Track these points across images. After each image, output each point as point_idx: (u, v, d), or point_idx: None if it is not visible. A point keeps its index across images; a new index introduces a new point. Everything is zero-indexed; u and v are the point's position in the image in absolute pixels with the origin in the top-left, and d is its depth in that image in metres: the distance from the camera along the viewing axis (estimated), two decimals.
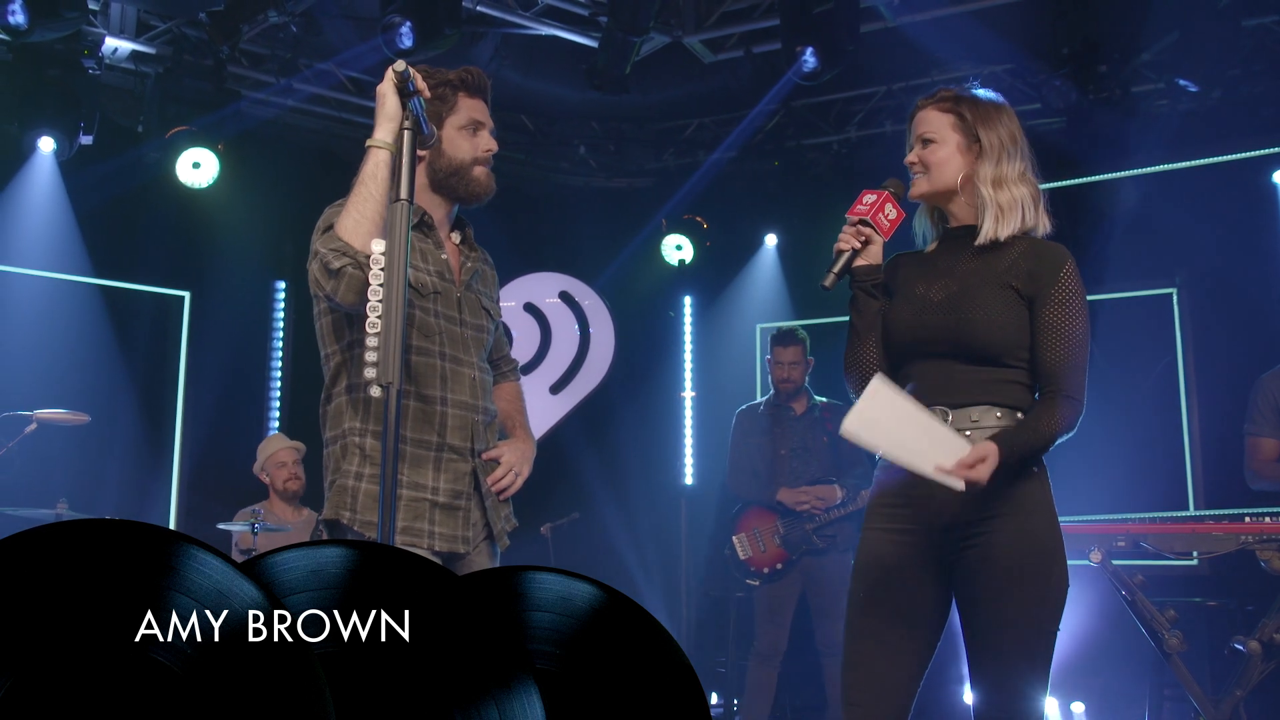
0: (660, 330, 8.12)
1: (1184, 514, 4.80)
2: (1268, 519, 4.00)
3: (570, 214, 8.04)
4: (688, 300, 8.12)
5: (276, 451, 5.79)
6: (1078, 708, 5.58)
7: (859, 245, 2.60)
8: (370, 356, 2.20)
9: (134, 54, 6.25)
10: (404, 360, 2.54)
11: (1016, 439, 2.42)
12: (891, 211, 2.62)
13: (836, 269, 2.58)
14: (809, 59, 5.43)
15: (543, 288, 7.99)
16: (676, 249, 7.55)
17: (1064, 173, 6.25)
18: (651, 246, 7.61)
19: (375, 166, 2.52)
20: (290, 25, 6.09)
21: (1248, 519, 4.04)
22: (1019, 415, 2.48)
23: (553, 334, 7.95)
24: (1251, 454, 4.76)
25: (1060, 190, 6.30)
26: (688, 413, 7.98)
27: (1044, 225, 2.59)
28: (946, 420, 2.48)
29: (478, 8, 5.97)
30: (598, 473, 7.53)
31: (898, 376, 2.60)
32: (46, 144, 5.93)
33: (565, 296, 7.99)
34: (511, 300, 7.85)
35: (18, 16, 5.08)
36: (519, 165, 7.77)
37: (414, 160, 2.37)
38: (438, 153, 2.78)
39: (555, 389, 7.85)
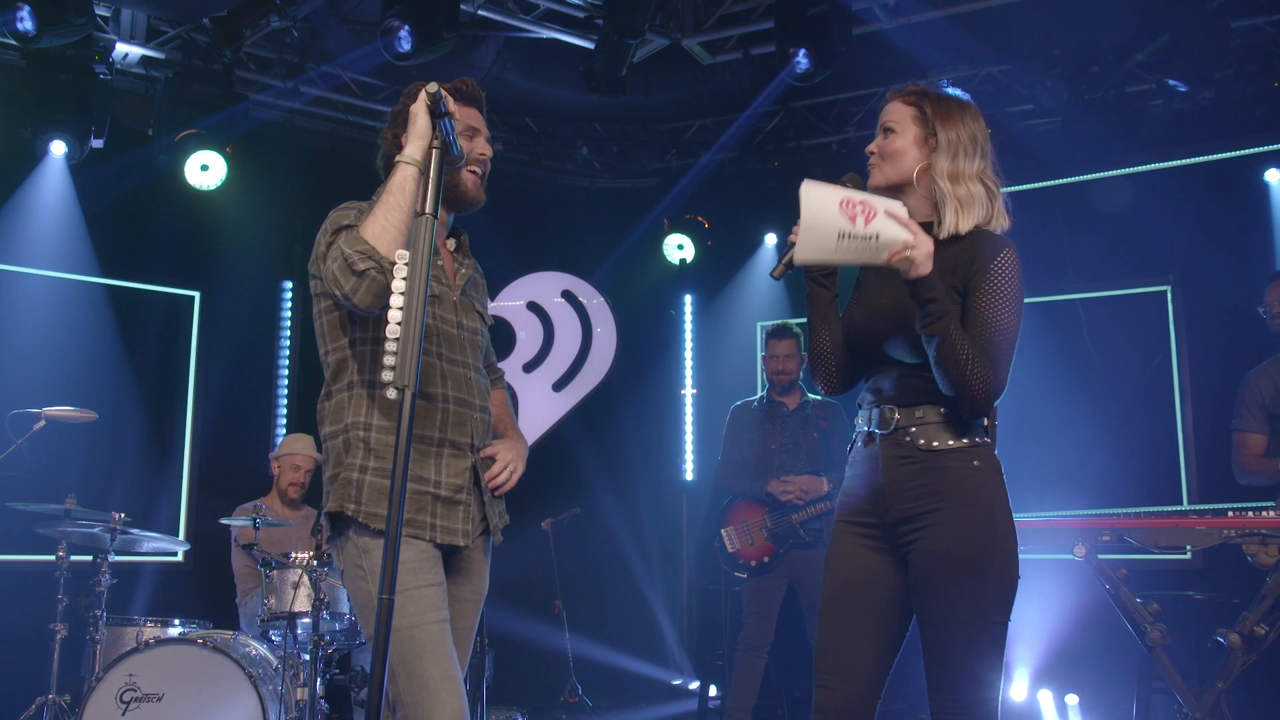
0: (661, 328, 8.18)
1: (1168, 509, 4.86)
2: (1250, 513, 4.03)
3: (573, 214, 8.12)
4: (689, 299, 8.18)
5: (294, 454, 5.76)
6: (1072, 699, 5.64)
7: None
8: (389, 360, 2.23)
9: (144, 59, 6.35)
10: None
11: (951, 317, 2.37)
12: None
13: (785, 259, 2.58)
14: (802, 60, 5.50)
15: (546, 287, 8.06)
16: (678, 248, 7.60)
17: (1057, 172, 6.31)
18: (653, 246, 7.67)
19: (403, 179, 2.56)
20: (292, 30, 6.17)
21: (1231, 513, 4.06)
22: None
23: (556, 332, 8.02)
24: (1239, 449, 4.81)
25: (1054, 189, 6.36)
26: (688, 409, 8.05)
27: (1003, 223, 2.58)
28: (894, 417, 2.53)
29: (478, 11, 6.03)
30: (599, 469, 7.60)
31: (860, 377, 2.67)
32: (58, 147, 6.02)
33: (568, 295, 8.06)
34: (516, 299, 7.93)
35: (26, 23, 5.18)
36: (523, 166, 7.85)
37: (441, 177, 2.40)
38: None
39: (558, 386, 7.92)
